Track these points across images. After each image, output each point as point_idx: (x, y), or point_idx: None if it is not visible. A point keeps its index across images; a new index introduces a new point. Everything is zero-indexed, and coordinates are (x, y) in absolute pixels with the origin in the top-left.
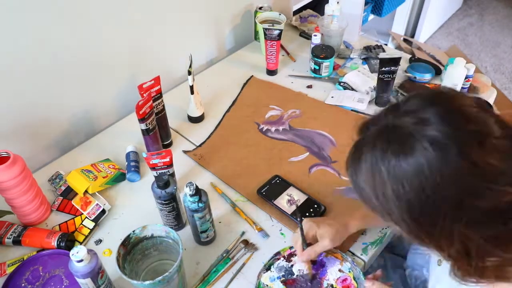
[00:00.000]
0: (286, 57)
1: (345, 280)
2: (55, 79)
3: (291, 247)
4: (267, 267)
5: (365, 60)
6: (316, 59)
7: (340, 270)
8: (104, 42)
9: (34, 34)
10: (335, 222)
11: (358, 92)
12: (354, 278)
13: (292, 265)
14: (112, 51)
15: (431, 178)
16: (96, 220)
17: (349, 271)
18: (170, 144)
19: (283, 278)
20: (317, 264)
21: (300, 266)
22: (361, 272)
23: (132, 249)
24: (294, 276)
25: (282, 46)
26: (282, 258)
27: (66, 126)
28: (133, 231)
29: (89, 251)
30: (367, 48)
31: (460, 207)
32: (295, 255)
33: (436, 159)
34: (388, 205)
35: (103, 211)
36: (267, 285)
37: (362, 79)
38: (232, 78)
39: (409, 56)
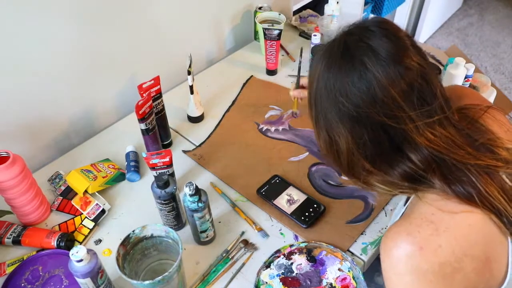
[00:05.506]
0: (285, 57)
1: (344, 279)
2: (55, 79)
3: (291, 245)
4: (267, 265)
5: None
6: None
7: (339, 269)
8: (104, 42)
9: (34, 34)
10: None
11: None
12: (354, 278)
13: (292, 263)
14: (112, 51)
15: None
16: (95, 220)
17: (349, 271)
18: (169, 144)
19: (283, 276)
20: (317, 263)
21: (299, 261)
22: (360, 272)
23: (132, 249)
24: (294, 274)
25: (281, 46)
26: (282, 256)
27: (66, 126)
28: (133, 231)
29: (89, 251)
30: None
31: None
32: (295, 253)
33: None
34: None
35: (103, 211)
36: (266, 282)
37: None
38: (232, 78)
39: None
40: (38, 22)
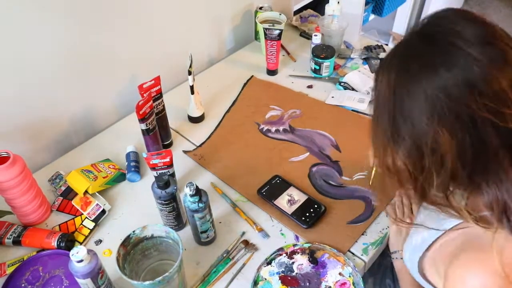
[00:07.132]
0: (286, 57)
1: (344, 284)
2: (55, 79)
3: (295, 245)
4: (268, 261)
5: (366, 60)
6: (316, 59)
7: (340, 274)
8: (104, 42)
9: (34, 34)
10: None
11: (359, 92)
12: (353, 284)
13: (293, 262)
14: (112, 51)
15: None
16: (96, 220)
17: (350, 276)
18: (170, 144)
19: (282, 274)
20: (318, 265)
21: (300, 261)
22: (361, 279)
23: (132, 249)
24: (294, 274)
25: (282, 46)
26: (284, 255)
27: (66, 126)
28: (133, 231)
29: (89, 251)
30: (368, 48)
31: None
32: (298, 253)
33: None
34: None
35: (103, 211)
36: (265, 279)
37: (363, 79)
38: (232, 78)
39: None
40: (37, 23)
